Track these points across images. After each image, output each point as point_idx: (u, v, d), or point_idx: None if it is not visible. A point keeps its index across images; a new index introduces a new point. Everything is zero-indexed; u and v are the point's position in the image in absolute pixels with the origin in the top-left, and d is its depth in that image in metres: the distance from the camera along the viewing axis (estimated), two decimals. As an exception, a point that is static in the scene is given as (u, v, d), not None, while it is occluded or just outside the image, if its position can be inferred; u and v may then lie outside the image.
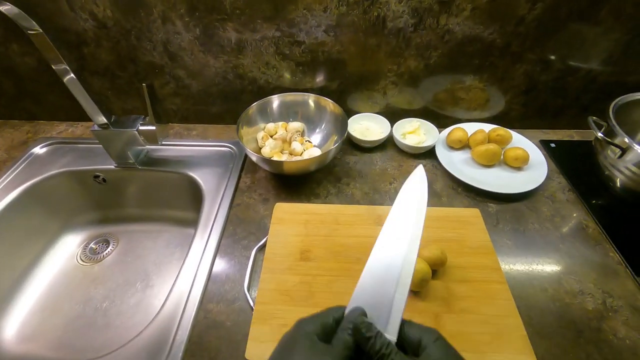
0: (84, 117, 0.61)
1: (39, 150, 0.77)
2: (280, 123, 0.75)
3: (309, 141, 0.73)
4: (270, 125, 0.74)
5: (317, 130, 0.76)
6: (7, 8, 0.47)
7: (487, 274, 0.51)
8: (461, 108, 0.78)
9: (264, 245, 0.57)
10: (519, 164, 0.68)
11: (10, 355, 0.59)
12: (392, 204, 0.64)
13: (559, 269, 0.54)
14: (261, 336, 0.45)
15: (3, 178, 0.70)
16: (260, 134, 0.72)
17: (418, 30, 0.64)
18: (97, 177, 0.75)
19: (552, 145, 0.76)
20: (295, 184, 0.68)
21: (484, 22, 0.63)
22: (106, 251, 0.77)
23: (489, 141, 0.72)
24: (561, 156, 0.73)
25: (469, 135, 0.73)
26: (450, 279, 0.50)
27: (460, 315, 0.46)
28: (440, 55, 0.68)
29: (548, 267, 0.54)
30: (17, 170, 0.72)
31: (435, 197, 0.66)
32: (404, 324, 0.29)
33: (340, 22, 0.64)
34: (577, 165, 0.71)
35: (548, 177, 0.67)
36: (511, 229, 0.60)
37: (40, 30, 0.50)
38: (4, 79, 0.77)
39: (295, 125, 0.74)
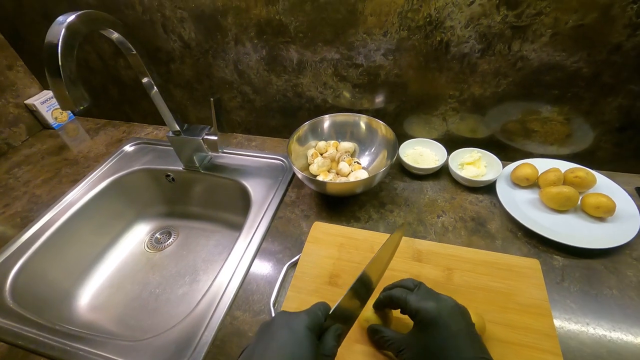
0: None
1: (128, 148, 0.91)
2: (332, 142, 0.76)
3: (358, 162, 0.73)
4: (322, 144, 0.75)
5: (367, 152, 0.75)
6: (116, 36, 0.57)
7: (536, 339, 0.44)
8: (534, 141, 0.69)
9: (296, 262, 0.57)
10: (600, 213, 0.58)
11: (82, 320, 0.70)
12: (436, 240, 0.60)
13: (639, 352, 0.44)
14: (277, 354, 0.45)
15: (99, 169, 0.84)
16: (311, 151, 0.74)
17: (486, 56, 0.60)
18: (168, 175, 0.85)
19: (653, 195, 0.62)
20: (338, 204, 0.68)
21: (567, 49, 0.55)
22: (168, 242, 0.86)
23: (564, 183, 0.62)
24: (664, 210, 0.60)
25: (539, 173, 0.64)
26: (487, 337, 0.44)
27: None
28: (510, 84, 0.62)
29: (624, 347, 0.44)
30: (110, 164, 0.86)
31: (488, 239, 0.59)
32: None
33: (400, 46, 0.63)
34: (686, 225, 0.57)
35: (641, 235, 0.56)
36: (579, 290, 0.51)
37: (135, 52, 0.59)
38: (112, 86, 0.93)
39: (347, 145, 0.74)
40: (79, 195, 0.78)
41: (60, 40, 0.45)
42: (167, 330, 0.51)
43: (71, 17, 0.46)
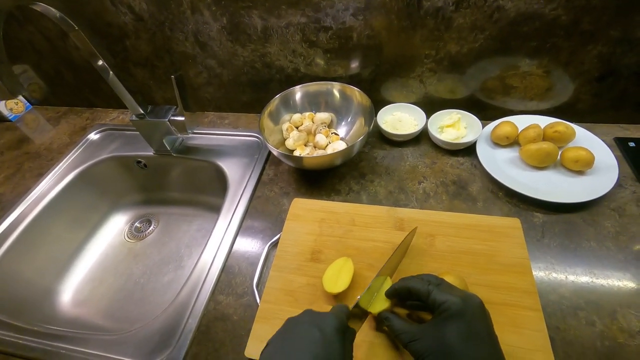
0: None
1: (93, 136, 0.85)
2: (307, 114, 0.72)
3: (335, 133, 0.70)
4: (297, 116, 0.71)
5: (344, 121, 0.72)
6: (51, 12, 0.50)
7: (517, 297, 0.44)
8: (513, 98, 0.67)
9: (277, 242, 0.56)
10: (579, 167, 0.57)
11: (67, 317, 0.68)
12: (417, 207, 0.59)
13: (615, 299, 0.45)
14: (262, 335, 0.45)
15: (64, 161, 0.79)
16: (285, 125, 0.70)
17: (460, 9, 0.56)
18: (139, 162, 0.81)
19: (631, 144, 0.62)
20: (317, 178, 0.66)
21: (544, -5, 0.52)
22: (148, 230, 0.84)
23: (544, 139, 0.61)
24: (642, 159, 0.60)
25: (519, 130, 0.63)
26: (471, 299, 0.44)
27: (476, 342, 0.41)
28: (487, 38, 0.59)
29: (601, 295, 0.45)
30: (75, 154, 0.81)
31: (469, 201, 0.58)
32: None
33: (370, 4, 0.58)
34: (662, 172, 0.57)
35: (618, 185, 0.56)
36: (559, 245, 0.51)
37: (77, 29, 0.53)
38: (65, 70, 0.85)
39: (322, 116, 0.71)
40: (46, 190, 0.74)
41: (-20, 19, 0.39)
42: (150, 320, 0.50)
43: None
